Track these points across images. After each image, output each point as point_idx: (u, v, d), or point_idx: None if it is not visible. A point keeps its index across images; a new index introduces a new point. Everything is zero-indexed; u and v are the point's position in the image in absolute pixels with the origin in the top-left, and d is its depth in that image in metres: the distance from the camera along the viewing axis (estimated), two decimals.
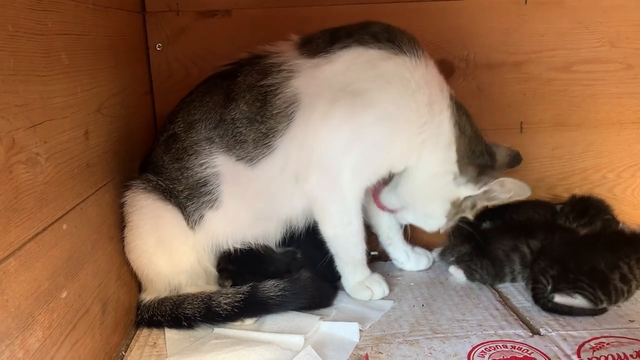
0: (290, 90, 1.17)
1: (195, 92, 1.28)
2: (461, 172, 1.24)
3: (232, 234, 1.26)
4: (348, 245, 1.26)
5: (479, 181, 1.23)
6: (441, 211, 1.27)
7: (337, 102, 1.15)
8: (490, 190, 1.23)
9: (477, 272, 1.36)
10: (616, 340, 1.09)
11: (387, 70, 1.15)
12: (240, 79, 1.21)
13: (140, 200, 1.22)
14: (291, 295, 1.19)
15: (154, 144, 1.33)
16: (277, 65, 1.19)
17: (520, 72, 1.53)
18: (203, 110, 1.23)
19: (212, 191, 1.21)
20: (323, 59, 1.18)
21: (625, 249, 1.27)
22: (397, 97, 1.15)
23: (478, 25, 1.50)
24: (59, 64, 0.93)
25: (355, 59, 1.17)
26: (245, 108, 1.19)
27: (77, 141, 0.99)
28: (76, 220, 0.96)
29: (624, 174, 1.60)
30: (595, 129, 1.57)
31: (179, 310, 1.18)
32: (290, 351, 1.04)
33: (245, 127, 1.19)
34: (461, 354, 1.06)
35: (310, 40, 1.22)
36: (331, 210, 1.22)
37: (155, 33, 1.48)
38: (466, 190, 1.24)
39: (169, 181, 1.24)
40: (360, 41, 1.17)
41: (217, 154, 1.20)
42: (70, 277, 0.92)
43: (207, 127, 1.21)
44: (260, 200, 1.24)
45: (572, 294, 1.19)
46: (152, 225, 1.22)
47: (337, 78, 1.17)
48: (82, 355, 0.95)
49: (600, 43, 1.52)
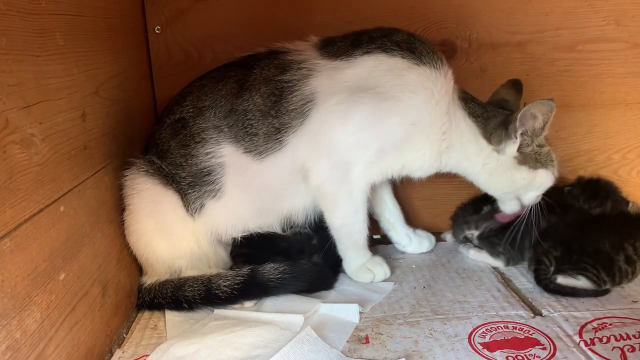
0: (308, 88, 1.17)
1: (207, 77, 1.27)
2: (495, 142, 1.23)
3: (233, 225, 1.26)
4: (352, 232, 1.27)
5: (509, 133, 1.22)
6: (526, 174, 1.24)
7: (360, 102, 1.15)
8: (525, 129, 1.21)
9: (500, 246, 1.34)
10: (619, 321, 1.08)
11: (411, 80, 1.17)
12: (256, 71, 1.20)
13: (140, 184, 1.21)
14: (291, 277, 1.19)
15: (157, 124, 1.31)
16: (297, 63, 1.19)
17: (524, 52, 1.51)
18: (214, 97, 1.22)
19: (216, 181, 1.21)
20: (344, 62, 1.19)
21: (631, 230, 1.26)
22: (422, 107, 1.17)
23: (481, 5, 1.48)
24: (54, 44, 0.92)
25: (377, 65, 1.17)
26: (260, 101, 1.18)
27: (73, 123, 0.98)
28: (74, 203, 0.96)
29: (629, 155, 1.58)
30: (600, 109, 1.54)
31: (179, 292, 1.18)
32: (289, 331, 1.04)
33: (257, 120, 1.18)
34: (462, 335, 1.05)
35: (331, 42, 1.23)
36: (340, 203, 1.23)
37: (154, 15, 1.47)
38: (511, 148, 1.23)
39: (172, 166, 1.23)
40: (383, 48, 1.18)
41: (224, 144, 1.20)
42: (68, 259, 0.92)
43: (217, 116, 1.20)
44: (263, 195, 1.24)
45: (575, 275, 1.18)
46: (151, 210, 1.21)
47: (358, 82, 1.17)
48: (82, 337, 0.95)
49: (606, 22, 1.49)
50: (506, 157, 1.23)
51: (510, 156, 1.23)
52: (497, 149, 1.23)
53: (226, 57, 1.47)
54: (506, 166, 1.24)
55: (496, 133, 1.23)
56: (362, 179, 1.21)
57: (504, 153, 1.23)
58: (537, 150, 1.24)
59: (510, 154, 1.23)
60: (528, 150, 1.23)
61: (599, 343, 1.01)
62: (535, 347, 1.01)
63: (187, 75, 1.48)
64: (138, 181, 1.21)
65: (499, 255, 1.35)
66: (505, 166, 1.24)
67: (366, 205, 1.25)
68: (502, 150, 1.23)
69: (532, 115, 1.19)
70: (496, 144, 1.23)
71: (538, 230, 1.31)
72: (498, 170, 1.25)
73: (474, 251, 1.40)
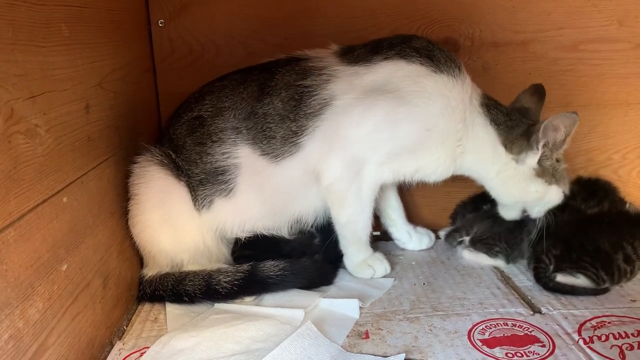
0: (327, 92, 1.18)
1: (228, 79, 1.28)
2: (515, 152, 1.23)
3: (241, 224, 1.27)
4: (357, 229, 1.28)
5: (531, 143, 1.22)
6: (541, 188, 1.24)
7: (377, 105, 1.17)
8: (546, 141, 1.21)
9: (497, 246, 1.35)
10: (618, 320, 1.09)
11: (428, 87, 1.18)
12: (278, 76, 1.22)
13: (152, 172, 1.22)
14: (290, 274, 1.19)
15: (172, 119, 1.32)
16: (318, 69, 1.21)
17: (526, 51, 1.51)
18: (235, 99, 1.23)
19: (229, 181, 1.22)
20: (364, 67, 1.20)
21: (630, 229, 1.27)
22: (438, 114, 1.18)
23: (485, 3, 1.48)
24: (60, 35, 0.93)
25: (396, 71, 1.19)
26: (280, 105, 1.20)
27: (77, 114, 0.98)
28: (77, 194, 0.96)
29: (629, 155, 1.58)
30: (601, 109, 1.55)
31: (180, 286, 1.19)
32: (289, 326, 1.04)
33: (275, 124, 1.20)
34: (461, 331, 1.06)
35: (351, 49, 1.25)
36: (348, 200, 1.23)
37: (157, 9, 1.47)
38: (532, 159, 1.23)
39: (185, 162, 1.24)
40: (402, 54, 1.19)
41: (241, 145, 1.21)
42: (70, 250, 0.93)
43: (237, 117, 1.22)
44: (277, 197, 1.25)
45: (575, 273, 1.19)
46: (159, 201, 1.22)
47: (377, 86, 1.19)
48: (83, 327, 0.96)
49: (609, 22, 1.49)
50: (525, 168, 1.23)
51: (529, 167, 1.23)
52: (516, 159, 1.23)
53: (229, 51, 1.49)
54: (523, 176, 1.24)
55: (518, 143, 1.23)
56: (372, 178, 1.23)
57: (524, 163, 1.23)
58: (555, 165, 1.24)
59: (530, 165, 1.23)
60: (547, 164, 1.23)
61: (598, 341, 1.01)
62: (535, 344, 1.01)
63: (189, 69, 1.50)
64: (150, 170, 1.22)
65: (497, 255, 1.36)
66: (522, 176, 1.24)
67: (373, 204, 1.26)
68: (522, 161, 1.23)
69: (554, 128, 1.19)
70: (516, 153, 1.23)
71: (537, 228, 1.32)
72: (513, 179, 1.25)
73: (468, 252, 1.40)
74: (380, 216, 1.46)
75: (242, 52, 1.49)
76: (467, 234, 1.41)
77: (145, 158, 1.24)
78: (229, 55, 1.49)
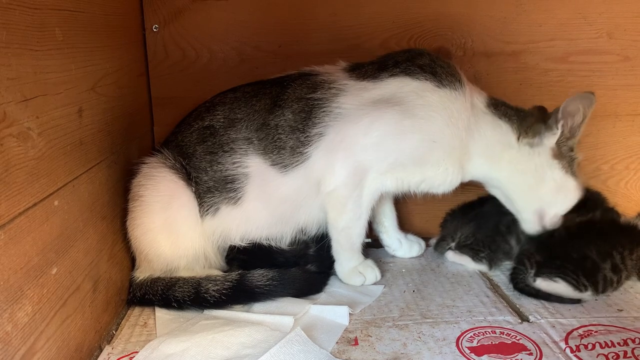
0: (336, 105, 1.22)
1: (240, 91, 1.31)
2: (530, 135, 1.24)
3: (245, 232, 1.29)
4: (352, 235, 1.29)
5: (549, 125, 1.23)
6: (557, 175, 1.25)
7: (383, 117, 1.20)
8: (565, 122, 1.22)
9: (482, 251, 1.36)
10: (604, 329, 1.10)
11: (433, 101, 1.21)
12: (290, 90, 1.26)
13: (162, 174, 1.24)
14: (279, 284, 1.20)
15: (181, 126, 1.33)
16: (328, 83, 1.25)
17: (517, 61, 1.53)
18: (248, 111, 1.26)
19: (238, 189, 1.25)
20: (371, 83, 1.25)
21: (620, 238, 1.27)
22: (443, 125, 1.22)
23: (477, 14, 1.50)
24: (53, 39, 0.93)
25: (402, 86, 1.23)
26: (291, 117, 1.23)
27: (70, 118, 0.99)
28: (68, 197, 0.96)
29: (617, 166, 1.60)
30: (591, 120, 1.52)
31: (169, 292, 1.19)
32: (279, 332, 1.04)
33: (286, 135, 1.23)
34: (450, 339, 1.06)
35: (360, 66, 1.29)
36: (349, 207, 1.25)
37: (151, 14, 1.47)
38: (550, 139, 1.24)
39: (194, 169, 1.26)
40: (407, 72, 1.24)
41: (252, 156, 1.24)
42: (61, 253, 0.93)
43: (249, 128, 1.25)
44: (284, 206, 1.27)
45: (554, 277, 1.20)
46: (164, 205, 1.23)
47: (383, 100, 1.22)
48: (72, 332, 0.96)
49: (599, 34, 1.52)
50: (541, 149, 1.24)
51: (546, 147, 1.24)
52: (531, 143, 1.24)
53: (223, 57, 1.50)
54: (538, 160, 1.24)
55: (534, 127, 1.24)
56: (374, 187, 1.25)
57: (541, 144, 1.23)
58: (573, 155, 1.27)
59: (548, 145, 1.23)
60: (564, 150, 1.25)
61: (585, 350, 1.02)
62: (522, 352, 1.02)
63: (183, 74, 1.50)
64: (160, 172, 1.24)
65: (482, 260, 1.37)
66: (538, 160, 1.24)
67: (370, 211, 1.28)
68: (539, 142, 1.23)
69: (575, 108, 1.21)
70: (531, 136, 1.24)
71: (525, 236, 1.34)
72: (527, 164, 1.24)
73: (452, 253, 1.41)
74: (372, 222, 1.47)
75: (235, 58, 1.50)
76: (452, 241, 1.42)
77: (157, 160, 1.26)
78: (223, 61, 1.50)
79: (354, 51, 1.47)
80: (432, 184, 1.27)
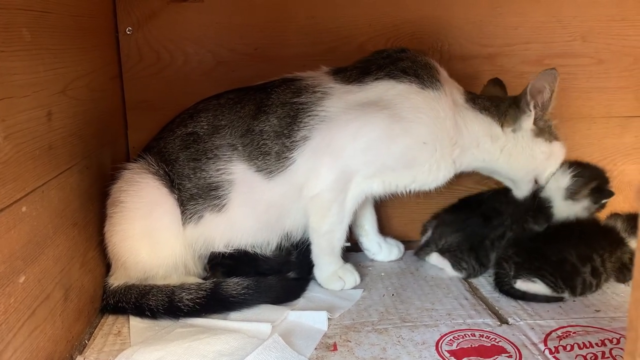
0: (321, 108, 1.22)
1: (224, 97, 1.29)
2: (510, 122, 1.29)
3: (230, 239, 1.27)
4: (333, 239, 1.28)
5: (522, 108, 1.28)
6: (544, 147, 1.31)
7: (372, 122, 1.20)
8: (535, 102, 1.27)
9: (464, 261, 1.36)
10: (582, 329, 1.10)
11: (419, 102, 1.22)
12: (274, 95, 1.25)
13: (146, 180, 1.21)
14: (255, 293, 1.18)
15: (163, 132, 1.31)
16: (312, 87, 1.25)
17: (493, 64, 1.53)
18: (232, 117, 1.25)
19: (222, 196, 1.23)
20: (357, 87, 1.25)
21: (600, 241, 1.28)
22: (432, 125, 1.23)
23: (453, 17, 1.50)
24: (20, 40, 0.90)
25: (387, 90, 1.23)
26: (276, 122, 1.22)
27: (39, 121, 0.96)
28: (37, 204, 0.93)
29: None
30: (566, 122, 1.57)
31: (143, 300, 1.16)
32: (256, 339, 1.02)
33: (271, 140, 1.22)
34: (429, 342, 1.06)
35: (343, 70, 1.29)
36: (333, 211, 1.24)
37: (125, 16, 1.44)
38: (527, 122, 1.29)
39: (177, 176, 1.24)
40: (391, 75, 1.24)
41: (237, 162, 1.22)
42: (29, 261, 0.89)
43: (233, 135, 1.23)
44: (269, 212, 1.25)
45: (533, 278, 1.21)
46: (148, 211, 1.21)
47: (370, 103, 1.22)
48: (42, 342, 0.92)
49: (573, 37, 1.53)
50: (523, 132, 1.29)
51: (527, 130, 1.29)
52: (513, 128, 1.29)
53: (198, 59, 1.47)
54: (525, 142, 1.30)
55: (510, 113, 1.29)
56: (358, 190, 1.25)
57: (521, 128, 1.29)
58: (549, 123, 1.32)
59: (527, 128, 1.29)
60: (541, 124, 1.30)
61: (563, 351, 1.02)
62: (502, 354, 1.02)
63: (158, 77, 1.47)
64: (143, 178, 1.21)
65: (462, 270, 1.37)
66: (524, 142, 1.30)
67: (352, 215, 1.28)
68: (519, 127, 1.29)
69: (540, 86, 1.26)
70: (511, 123, 1.29)
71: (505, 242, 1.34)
72: (517, 148, 1.30)
73: (436, 256, 1.41)
74: (352, 226, 1.45)
75: (211, 61, 1.48)
76: (436, 247, 1.42)
77: (140, 165, 1.24)
78: (198, 64, 1.48)
79: (332, 54, 1.47)
80: (424, 182, 1.27)
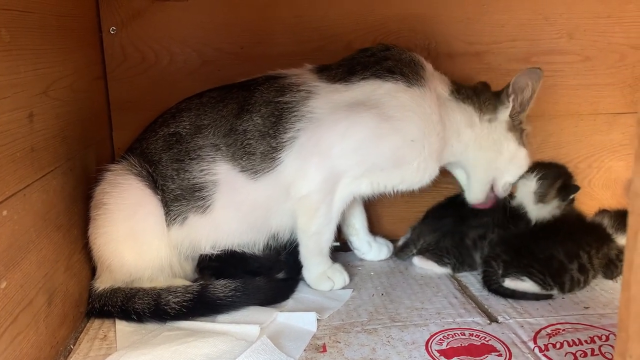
0: (307, 109, 1.20)
1: (205, 96, 1.27)
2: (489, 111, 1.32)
3: (216, 241, 1.25)
4: (321, 240, 1.27)
5: (502, 99, 1.31)
6: (512, 145, 1.32)
7: (360, 122, 1.19)
8: (515, 96, 1.30)
9: (445, 256, 1.36)
10: (572, 327, 1.10)
11: (406, 100, 1.22)
12: (257, 94, 1.23)
13: (129, 181, 1.19)
14: (243, 295, 1.16)
15: (145, 133, 1.29)
16: (297, 85, 1.23)
17: (481, 62, 1.53)
18: (214, 117, 1.23)
19: (206, 197, 1.21)
20: (343, 86, 1.24)
21: (588, 238, 1.28)
22: (420, 122, 1.22)
23: (440, 15, 1.49)
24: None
25: (374, 89, 1.22)
26: (260, 121, 1.20)
27: (19, 123, 0.94)
28: (18, 207, 0.91)
29: (580, 165, 1.62)
30: (554, 119, 1.58)
31: (129, 303, 1.14)
32: (245, 341, 1.01)
33: (255, 140, 1.20)
34: (419, 342, 1.05)
35: (328, 68, 1.28)
36: (321, 212, 1.23)
37: (109, 15, 1.42)
38: (504, 113, 1.31)
39: (160, 177, 1.22)
40: (377, 75, 1.24)
41: (220, 162, 1.20)
42: (10, 266, 0.88)
43: (216, 134, 1.21)
44: (255, 213, 1.24)
45: (521, 276, 1.21)
46: (131, 213, 1.19)
47: (357, 102, 1.21)
48: (25, 349, 0.90)
49: (559, 35, 1.53)
50: (497, 124, 1.31)
51: (502, 122, 1.31)
52: (489, 118, 1.31)
53: (183, 59, 1.46)
54: (496, 134, 1.31)
55: (489, 102, 1.32)
56: (347, 191, 1.24)
57: (496, 119, 1.31)
58: (522, 127, 1.33)
59: (503, 119, 1.31)
60: (516, 123, 1.32)
61: (553, 349, 1.02)
62: (492, 353, 1.01)
63: (142, 77, 1.46)
64: (126, 179, 1.19)
65: (446, 265, 1.37)
66: (496, 134, 1.31)
67: (340, 216, 1.27)
68: (495, 117, 1.31)
69: (524, 83, 1.29)
70: (489, 112, 1.31)
71: (489, 241, 1.35)
72: (488, 140, 1.31)
73: (418, 259, 1.41)
74: (342, 225, 1.45)
75: (196, 60, 1.46)
76: (415, 247, 1.42)
77: (122, 167, 1.22)
78: (183, 64, 1.46)
79: (319, 53, 1.45)
80: (412, 182, 1.27)
